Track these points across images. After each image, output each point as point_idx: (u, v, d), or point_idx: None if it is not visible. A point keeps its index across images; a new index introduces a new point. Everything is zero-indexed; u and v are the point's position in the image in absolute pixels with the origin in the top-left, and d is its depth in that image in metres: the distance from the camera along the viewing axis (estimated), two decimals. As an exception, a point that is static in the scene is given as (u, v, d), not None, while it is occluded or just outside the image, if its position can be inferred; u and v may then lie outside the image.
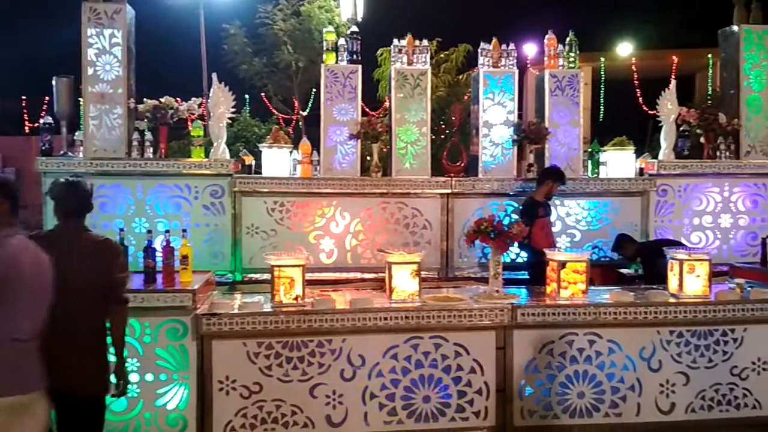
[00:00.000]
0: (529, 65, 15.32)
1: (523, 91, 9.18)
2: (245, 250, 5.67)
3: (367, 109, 12.17)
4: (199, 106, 5.90)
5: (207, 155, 5.68)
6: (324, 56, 5.94)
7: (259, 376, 4.30)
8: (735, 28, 6.32)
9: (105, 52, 5.48)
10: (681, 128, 6.15)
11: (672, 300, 4.63)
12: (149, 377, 4.28)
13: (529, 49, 15.35)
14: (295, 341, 4.30)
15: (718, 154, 6.15)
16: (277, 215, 5.71)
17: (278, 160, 5.77)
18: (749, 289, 4.76)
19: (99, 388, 3.27)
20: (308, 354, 4.31)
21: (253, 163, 6.07)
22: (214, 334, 4.25)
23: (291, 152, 5.90)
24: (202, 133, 5.73)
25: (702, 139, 6.25)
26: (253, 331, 4.25)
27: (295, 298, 4.35)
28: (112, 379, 3.39)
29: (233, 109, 5.84)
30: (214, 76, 5.82)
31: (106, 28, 5.48)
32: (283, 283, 4.33)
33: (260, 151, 5.93)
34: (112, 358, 3.41)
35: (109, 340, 3.35)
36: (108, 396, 3.37)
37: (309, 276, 5.37)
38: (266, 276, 4.58)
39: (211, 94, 5.73)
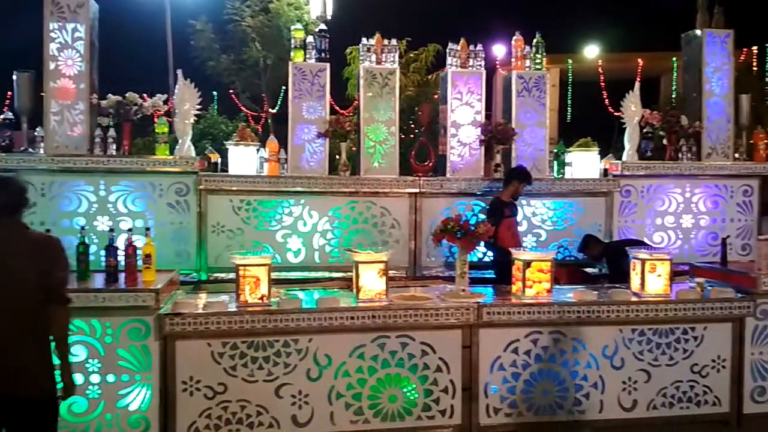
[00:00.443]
0: (498, 66, 15.47)
1: (492, 91, 9.27)
2: (211, 249, 5.59)
3: (337, 108, 12.14)
4: (166, 102, 5.81)
5: (172, 152, 5.59)
6: (292, 54, 5.90)
7: (224, 376, 4.26)
8: (698, 32, 6.44)
9: (67, 46, 5.36)
10: (644, 130, 6.25)
11: (634, 299, 4.71)
12: (111, 378, 4.21)
13: (498, 50, 15.50)
14: (261, 341, 4.26)
15: (680, 155, 6.26)
16: (243, 214, 5.65)
17: (245, 158, 5.71)
18: (709, 288, 4.86)
19: (42, 390, 3.14)
20: (274, 354, 4.28)
21: (219, 160, 6.00)
22: (177, 334, 4.19)
23: (258, 150, 5.84)
24: (167, 129, 5.65)
25: (665, 141, 6.37)
26: (218, 331, 4.20)
27: (261, 298, 4.31)
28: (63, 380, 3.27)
29: (199, 106, 5.76)
30: (180, 72, 5.73)
31: (69, 22, 5.35)
32: (249, 282, 4.29)
33: (227, 149, 5.87)
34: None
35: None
36: (57, 399, 3.26)
37: (276, 275, 5.35)
38: (232, 275, 4.53)
39: (176, 91, 5.65)
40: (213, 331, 4.20)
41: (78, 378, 4.11)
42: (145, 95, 5.66)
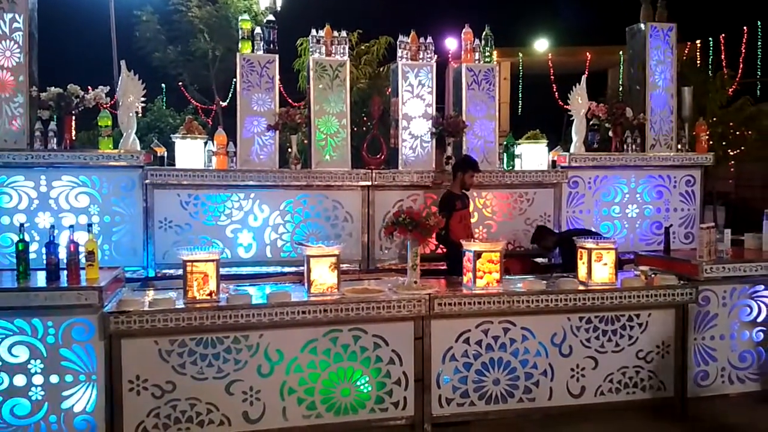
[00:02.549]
0: (450, 59, 15.56)
1: (445, 85, 9.30)
2: (158, 245, 5.48)
3: (290, 101, 12.02)
4: (109, 94, 5.64)
5: (116, 146, 5.44)
6: (240, 45, 5.80)
7: (172, 374, 4.16)
8: (642, 25, 6.60)
9: (5, 37, 5.17)
10: (591, 122, 6.37)
11: (581, 288, 4.79)
12: (54, 379, 4.06)
13: (451, 43, 15.57)
14: (210, 338, 4.19)
15: (625, 147, 6.41)
16: (191, 208, 5.55)
17: (192, 152, 5.61)
18: (653, 275, 4.99)
19: None
20: (224, 350, 4.21)
21: (166, 154, 5.87)
22: (123, 332, 4.08)
23: (206, 143, 5.74)
24: (110, 122, 5.50)
25: (611, 133, 6.51)
26: (165, 329, 4.10)
27: (209, 294, 4.23)
28: None
29: (144, 98, 5.62)
30: (123, 63, 5.58)
31: (7, 13, 5.16)
32: (197, 278, 4.20)
33: (173, 142, 5.74)
34: None
35: None
36: None
37: (226, 271, 5.29)
38: (181, 272, 4.43)
39: (119, 83, 5.49)
40: (160, 329, 4.10)
41: (20, 379, 4.00)
42: (90, 87, 5.49)
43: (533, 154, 6.43)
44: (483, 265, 4.73)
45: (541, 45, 19.71)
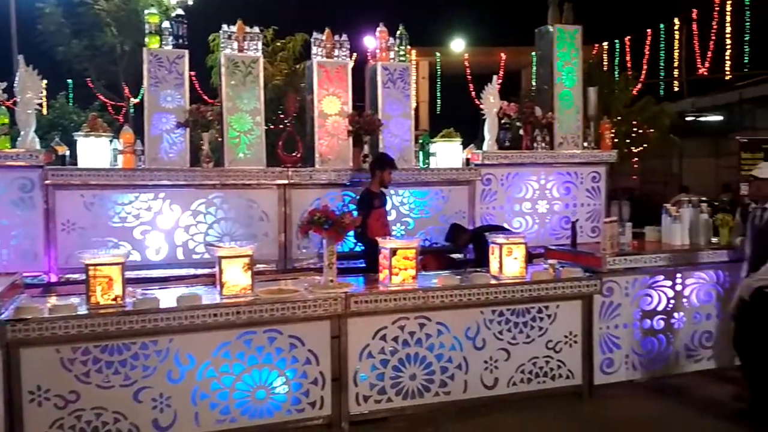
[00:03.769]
0: (369, 58, 15.61)
1: (365, 83, 9.32)
2: (61, 249, 5.21)
3: (206, 97, 11.71)
4: (7, 90, 5.30)
5: (15, 145, 5.13)
6: (147, 40, 5.59)
7: (76, 383, 3.98)
8: (549, 27, 6.81)
9: None
10: (503, 121, 6.53)
11: (493, 282, 4.92)
12: (-55, 392, 3.80)
13: (370, 41, 15.63)
14: (116, 344, 4.02)
15: (535, 145, 6.61)
16: (96, 210, 5.30)
17: (97, 150, 5.35)
18: (560, 268, 5.17)
19: None
20: (131, 357, 4.05)
21: (68, 153, 5.58)
22: (21, 341, 3.86)
23: (111, 141, 5.49)
24: (7, 120, 5.18)
25: (521, 132, 6.70)
26: (67, 336, 3.91)
27: (114, 299, 4.05)
28: None
29: (41, 94, 5.31)
30: (21, 58, 5.27)
31: None
32: (100, 283, 4.02)
33: (77, 141, 5.47)
34: None
35: None
36: None
37: (135, 274, 5.10)
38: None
39: (17, 78, 5.18)
40: (61, 337, 3.90)
41: None
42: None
43: (448, 153, 6.53)
44: (399, 262, 4.77)
45: (458, 45, 20.11)
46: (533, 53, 16.18)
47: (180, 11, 5.81)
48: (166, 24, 5.65)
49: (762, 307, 4.63)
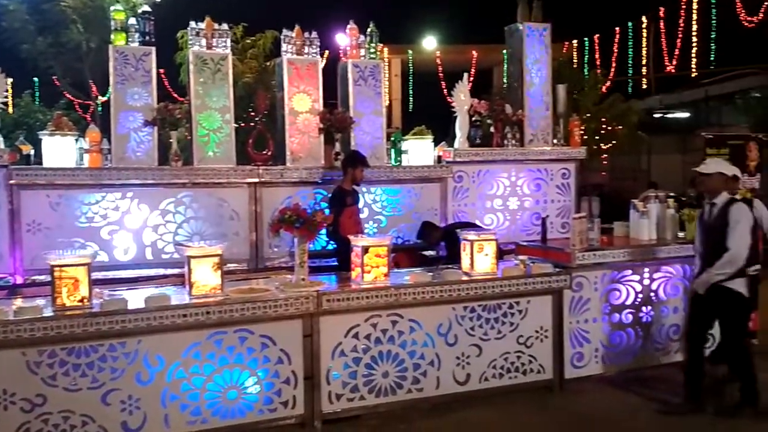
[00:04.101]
0: (342, 55, 15.56)
1: (337, 80, 9.30)
2: (26, 250, 5.12)
3: (176, 95, 11.56)
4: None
5: (-24, 144, 5.02)
6: (113, 36, 5.50)
7: (42, 387, 3.90)
8: (519, 25, 6.87)
9: None
10: (473, 118, 6.57)
11: (465, 278, 4.94)
12: None
13: (342, 39, 15.59)
14: (83, 347, 3.95)
15: (505, 142, 6.66)
16: (62, 210, 5.21)
17: (62, 149, 5.26)
18: (531, 264, 5.22)
19: None
20: (98, 359, 3.98)
21: (33, 152, 5.46)
22: (-15, 344, 3.77)
23: (77, 140, 5.40)
24: (-32, 119, 5.06)
25: (492, 129, 6.74)
26: (32, 339, 3.83)
27: (81, 300, 3.98)
28: None
29: (6, 93, 5.20)
30: (-18, 55, 5.14)
31: None
32: (66, 284, 3.94)
33: (42, 140, 5.36)
34: None
35: None
36: None
37: (103, 275, 5.02)
38: (51, 277, 4.14)
39: (-22, 76, 5.06)
40: (26, 339, 3.82)
41: None
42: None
43: (420, 150, 6.55)
44: (371, 260, 4.77)
45: (430, 43, 20.15)
46: (504, 51, 16.37)
47: (146, 7, 5.72)
48: (132, 21, 5.56)
49: (718, 301, 4.70)
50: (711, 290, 4.68)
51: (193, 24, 5.73)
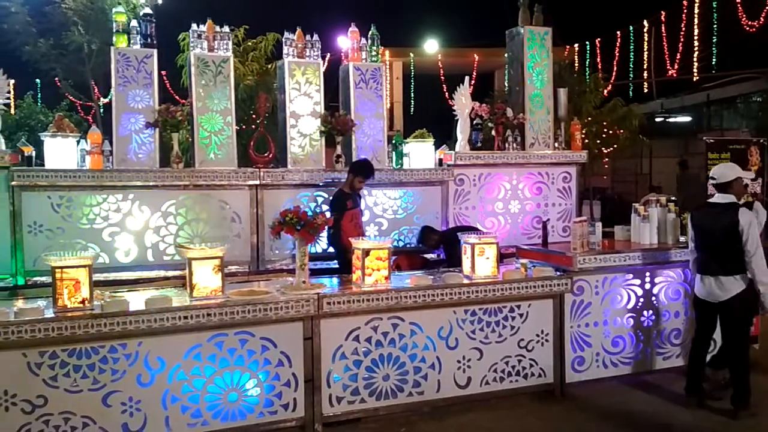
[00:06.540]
0: (344, 58, 15.59)
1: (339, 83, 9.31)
2: (27, 252, 5.12)
3: (177, 97, 11.56)
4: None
5: (-21, 146, 5.03)
6: (114, 39, 5.51)
7: (44, 388, 3.90)
8: (520, 29, 6.87)
9: None
10: (474, 122, 6.57)
11: (466, 281, 4.94)
12: None
13: (344, 42, 15.61)
14: (84, 348, 3.95)
15: (507, 145, 6.66)
16: (64, 211, 5.21)
17: (64, 151, 5.26)
18: (532, 267, 5.22)
19: None
20: (99, 361, 3.99)
21: (34, 153, 5.47)
22: (-14, 346, 3.77)
23: (78, 142, 5.40)
24: (-30, 121, 5.06)
25: (493, 132, 6.75)
26: (34, 340, 3.83)
27: (82, 302, 3.98)
28: None
29: (8, 94, 5.21)
30: (-16, 57, 5.15)
31: None
32: (67, 285, 3.94)
33: (43, 141, 5.37)
34: None
35: None
36: None
37: (104, 276, 5.03)
38: (52, 279, 4.15)
39: (-19, 78, 5.08)
40: (28, 340, 3.82)
41: None
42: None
43: (421, 153, 6.55)
44: (371, 263, 4.77)
45: (431, 46, 20.15)
46: (506, 54, 16.38)
47: (148, 10, 5.74)
48: (134, 23, 5.57)
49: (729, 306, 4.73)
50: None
51: (194, 26, 5.74)
